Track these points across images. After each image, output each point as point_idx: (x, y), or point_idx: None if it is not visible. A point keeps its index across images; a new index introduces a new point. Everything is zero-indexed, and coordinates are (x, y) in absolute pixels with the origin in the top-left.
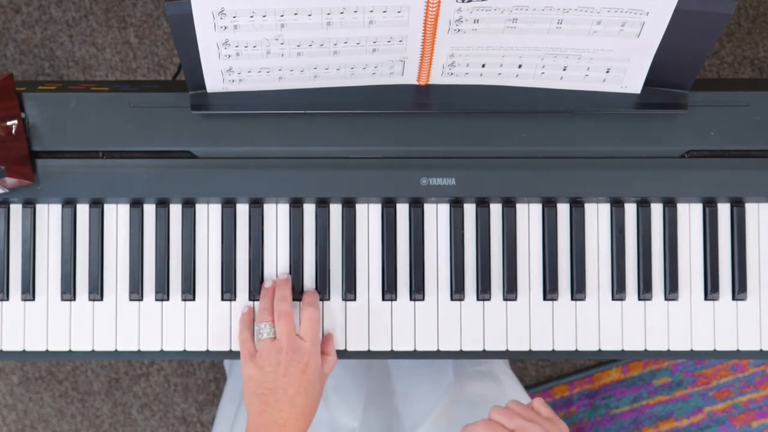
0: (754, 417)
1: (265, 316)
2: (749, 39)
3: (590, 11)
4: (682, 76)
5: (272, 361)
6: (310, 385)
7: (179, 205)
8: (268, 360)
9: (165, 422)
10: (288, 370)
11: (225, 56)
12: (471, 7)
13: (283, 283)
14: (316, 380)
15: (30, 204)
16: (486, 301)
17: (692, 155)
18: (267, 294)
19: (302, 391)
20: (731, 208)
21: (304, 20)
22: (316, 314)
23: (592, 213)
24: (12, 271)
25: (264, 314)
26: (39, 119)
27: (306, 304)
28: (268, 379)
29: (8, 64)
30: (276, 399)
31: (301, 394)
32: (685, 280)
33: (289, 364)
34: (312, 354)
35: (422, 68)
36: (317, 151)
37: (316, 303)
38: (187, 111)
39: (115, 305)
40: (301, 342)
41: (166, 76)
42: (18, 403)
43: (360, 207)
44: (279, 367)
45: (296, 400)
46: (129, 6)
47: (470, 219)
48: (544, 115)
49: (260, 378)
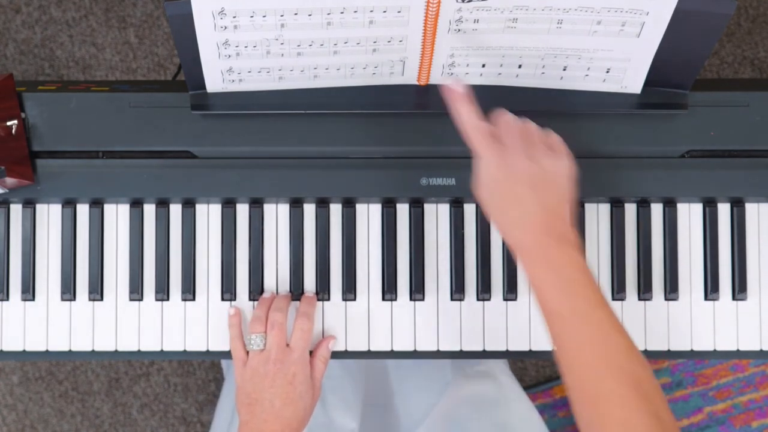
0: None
1: (257, 326)
2: (749, 39)
3: (590, 11)
4: (682, 76)
5: (260, 372)
6: (298, 397)
7: (179, 205)
8: (256, 370)
9: (165, 422)
10: (275, 381)
11: (225, 56)
12: (471, 7)
13: (282, 297)
14: (304, 390)
15: (30, 204)
16: (486, 301)
17: (692, 155)
18: (264, 303)
19: (289, 402)
20: (731, 208)
21: (304, 20)
22: (309, 325)
23: (592, 213)
24: (12, 271)
25: (256, 324)
26: (39, 119)
27: (300, 314)
28: (256, 389)
29: (8, 64)
30: (262, 410)
31: (288, 406)
32: (685, 280)
33: (276, 375)
34: (300, 365)
35: (422, 68)
36: (317, 151)
37: (310, 314)
38: (187, 111)
39: (115, 305)
40: (290, 353)
41: (166, 76)
42: (18, 403)
43: (360, 207)
44: (266, 378)
45: (283, 411)
46: (129, 6)
47: (470, 219)
48: (544, 115)
49: (248, 388)
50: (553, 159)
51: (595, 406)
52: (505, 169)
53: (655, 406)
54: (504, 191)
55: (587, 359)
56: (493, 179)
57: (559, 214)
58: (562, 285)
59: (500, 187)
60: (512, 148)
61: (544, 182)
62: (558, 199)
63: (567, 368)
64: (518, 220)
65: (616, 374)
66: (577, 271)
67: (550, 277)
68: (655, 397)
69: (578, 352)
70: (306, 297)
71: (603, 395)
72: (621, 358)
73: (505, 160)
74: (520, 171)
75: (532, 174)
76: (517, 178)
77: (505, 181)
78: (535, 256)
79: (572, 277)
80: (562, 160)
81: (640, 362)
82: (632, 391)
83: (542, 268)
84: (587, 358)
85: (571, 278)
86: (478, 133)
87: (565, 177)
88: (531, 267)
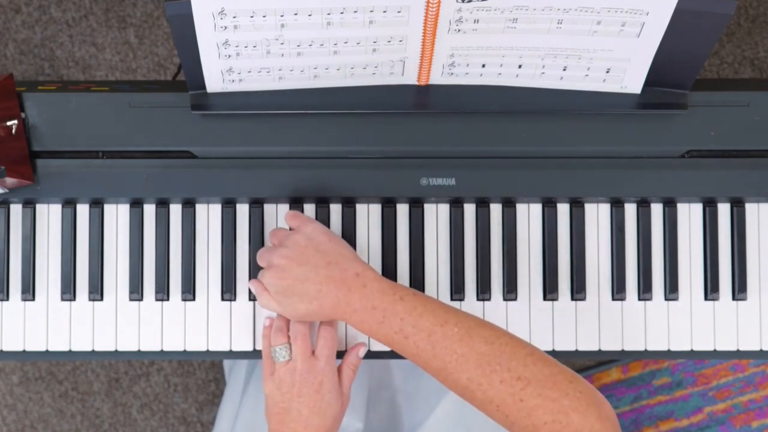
0: (754, 417)
1: (279, 338)
2: (749, 39)
3: (590, 11)
4: (682, 76)
5: (287, 382)
6: (326, 405)
7: (179, 205)
8: (284, 381)
9: (165, 422)
10: (302, 390)
11: (225, 56)
12: (471, 7)
13: None
14: (332, 399)
15: (30, 204)
16: (486, 302)
17: (692, 155)
18: None
19: (317, 410)
20: (731, 208)
21: (304, 20)
22: (332, 332)
23: (592, 213)
24: (12, 271)
25: (278, 335)
26: (39, 119)
27: (324, 322)
28: (284, 399)
29: (8, 64)
30: (291, 419)
31: (316, 414)
32: (685, 280)
33: (303, 385)
34: (326, 374)
35: (422, 68)
36: (317, 151)
37: (334, 321)
38: (187, 111)
39: (115, 305)
40: (316, 362)
41: (166, 76)
42: (18, 403)
43: (360, 207)
44: (293, 388)
45: (311, 420)
46: (129, 6)
47: (470, 219)
48: (544, 115)
49: (276, 398)
50: (295, 234)
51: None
52: (275, 275)
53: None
54: (292, 283)
55: (471, 370)
56: (282, 288)
57: (339, 264)
58: (403, 322)
59: (287, 286)
60: (268, 262)
61: (303, 255)
62: (324, 255)
63: (462, 389)
64: (314, 292)
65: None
66: (399, 298)
67: (389, 324)
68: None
69: (458, 365)
70: None
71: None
72: (498, 354)
73: (271, 272)
74: (280, 265)
75: (292, 256)
76: (285, 268)
77: (286, 279)
78: (361, 316)
79: (404, 307)
80: (304, 229)
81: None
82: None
83: (375, 321)
84: (470, 369)
85: (404, 309)
86: (255, 291)
87: (314, 237)
88: (367, 326)
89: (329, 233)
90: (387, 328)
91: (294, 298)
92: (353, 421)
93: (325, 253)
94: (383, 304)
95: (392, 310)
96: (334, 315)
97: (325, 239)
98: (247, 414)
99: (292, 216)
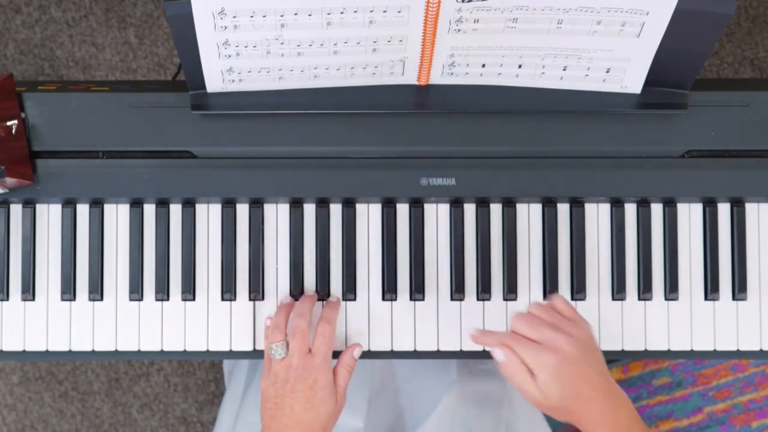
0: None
1: (276, 335)
2: (749, 39)
3: (590, 11)
4: (682, 76)
5: (281, 378)
6: (319, 402)
7: (179, 205)
8: (278, 376)
9: (165, 422)
10: (296, 386)
11: (225, 56)
12: (471, 7)
13: (307, 299)
14: (326, 396)
15: (30, 204)
16: (486, 301)
17: (692, 155)
18: (282, 310)
19: (310, 407)
20: (731, 208)
21: (304, 20)
22: (330, 330)
23: (592, 213)
24: (12, 271)
25: (276, 332)
26: (39, 119)
27: (322, 318)
28: (278, 395)
29: (8, 64)
30: (283, 414)
31: (309, 411)
32: (685, 280)
33: (297, 381)
34: (321, 370)
35: (422, 68)
36: (317, 151)
37: (332, 319)
38: (187, 111)
39: (115, 305)
40: (312, 358)
41: (166, 76)
42: (18, 403)
43: (360, 207)
44: (287, 384)
45: (303, 416)
46: (129, 6)
47: (470, 219)
48: (544, 115)
49: (271, 393)
50: (578, 328)
51: None
52: (558, 361)
53: None
54: (572, 376)
55: None
56: (558, 376)
57: (608, 376)
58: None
59: (566, 376)
60: (547, 340)
61: (589, 350)
62: (601, 362)
63: None
64: (588, 394)
65: None
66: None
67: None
68: None
69: None
70: (329, 302)
71: None
72: None
73: (554, 355)
74: (568, 353)
75: (580, 349)
76: (571, 360)
77: (567, 368)
78: (607, 421)
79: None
80: (584, 326)
81: None
82: None
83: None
84: None
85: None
86: (514, 368)
87: (593, 339)
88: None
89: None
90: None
91: (568, 389)
92: (354, 421)
93: (599, 360)
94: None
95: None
96: (579, 421)
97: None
98: (247, 415)
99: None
